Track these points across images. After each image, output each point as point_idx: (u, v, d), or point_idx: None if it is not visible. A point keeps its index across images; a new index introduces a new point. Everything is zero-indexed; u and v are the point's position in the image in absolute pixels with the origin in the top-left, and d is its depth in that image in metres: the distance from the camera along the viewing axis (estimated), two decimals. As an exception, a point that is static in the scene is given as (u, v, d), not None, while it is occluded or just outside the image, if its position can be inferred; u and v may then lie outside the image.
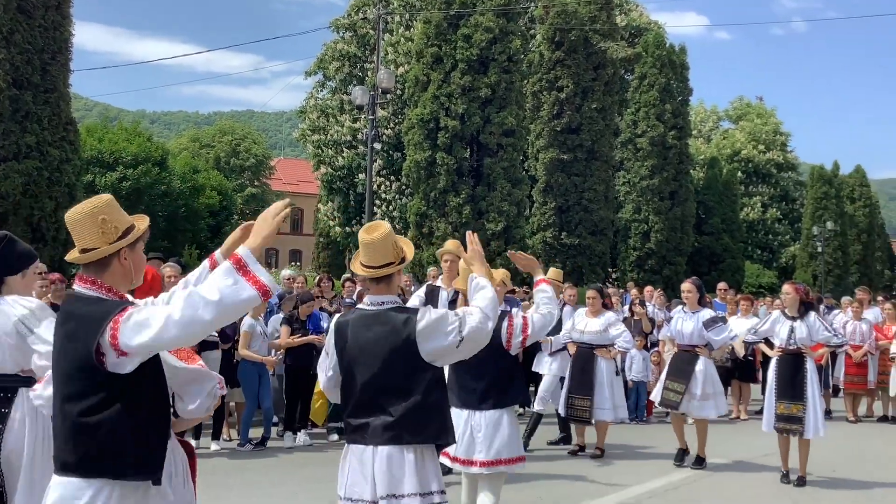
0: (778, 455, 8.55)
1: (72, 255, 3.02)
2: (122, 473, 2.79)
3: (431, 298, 7.19)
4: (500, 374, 5.20)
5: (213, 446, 9.07)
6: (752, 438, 10.34)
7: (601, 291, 9.62)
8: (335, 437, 9.54)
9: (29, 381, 3.91)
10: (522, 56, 26.32)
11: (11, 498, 3.92)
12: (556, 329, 8.91)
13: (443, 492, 3.73)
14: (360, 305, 3.97)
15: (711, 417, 8.73)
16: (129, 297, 3.05)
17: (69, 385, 2.83)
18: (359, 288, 11.74)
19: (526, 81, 27.51)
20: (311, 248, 44.62)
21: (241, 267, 2.76)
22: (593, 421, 9.15)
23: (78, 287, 2.96)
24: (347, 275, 15.35)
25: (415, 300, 7.38)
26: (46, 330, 3.80)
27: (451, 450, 5.14)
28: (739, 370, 12.53)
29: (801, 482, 7.92)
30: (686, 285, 8.84)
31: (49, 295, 9.03)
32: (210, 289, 2.72)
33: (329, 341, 3.94)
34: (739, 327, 11.90)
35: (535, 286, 4.93)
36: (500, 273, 6.06)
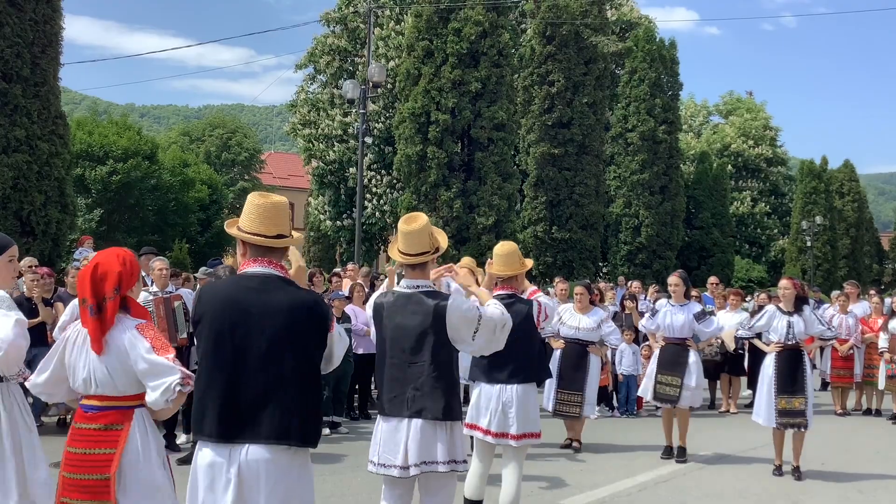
0: (767, 448, 8.62)
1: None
2: None
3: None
4: (531, 352, 5.60)
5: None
6: (742, 432, 10.41)
7: (589, 288, 9.66)
8: (326, 430, 9.55)
9: None
10: (513, 50, 26.33)
11: None
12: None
13: (465, 461, 4.30)
14: (396, 287, 4.44)
15: (694, 406, 8.85)
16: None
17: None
18: (345, 280, 11.75)
19: (517, 76, 27.52)
20: (301, 243, 44.55)
21: None
22: (582, 415, 9.20)
23: (254, 267, 3.37)
24: (337, 269, 15.36)
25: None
26: None
27: (483, 424, 5.58)
28: (729, 364, 12.59)
29: (798, 474, 7.97)
30: (673, 279, 8.89)
31: (38, 289, 9.05)
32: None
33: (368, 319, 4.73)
34: (728, 322, 11.99)
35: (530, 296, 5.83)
36: (467, 261, 6.98)
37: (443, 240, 4.45)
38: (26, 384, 3.74)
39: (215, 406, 3.21)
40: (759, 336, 8.68)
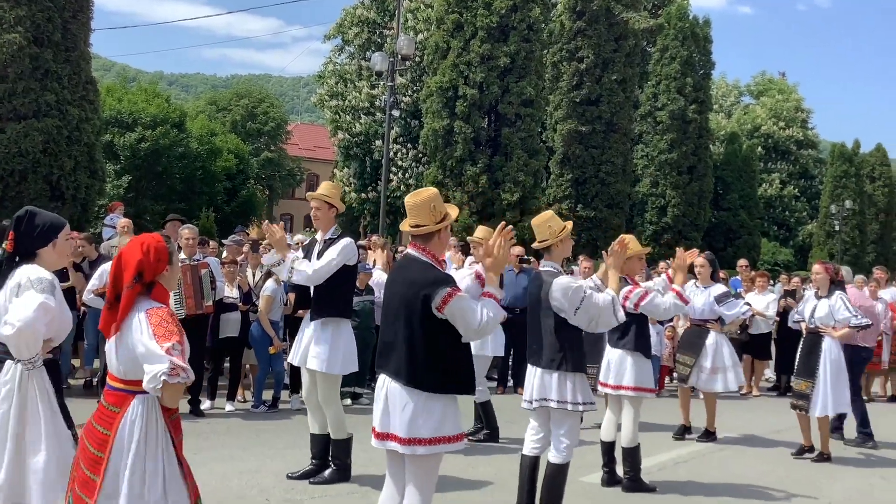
0: (788, 432, 8.61)
1: (405, 227, 4.45)
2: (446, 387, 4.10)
3: (308, 251, 6.53)
4: (631, 325, 6.56)
5: (228, 407, 9.18)
6: (764, 415, 10.38)
7: None
8: (348, 401, 9.60)
9: None
10: (543, 25, 26.08)
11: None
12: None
13: (582, 403, 5.32)
14: (540, 267, 5.58)
15: (717, 391, 8.73)
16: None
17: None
18: (369, 253, 11.76)
19: (546, 51, 27.28)
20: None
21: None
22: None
23: (411, 250, 4.26)
24: (361, 242, 15.38)
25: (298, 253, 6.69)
26: (22, 302, 3.77)
27: (604, 378, 6.90)
28: (754, 347, 12.52)
29: (822, 458, 7.96)
30: (699, 259, 8.80)
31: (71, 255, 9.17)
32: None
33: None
34: (756, 304, 11.92)
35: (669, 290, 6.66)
36: (483, 231, 7.98)
37: (566, 224, 5.51)
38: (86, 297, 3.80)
39: (378, 347, 4.32)
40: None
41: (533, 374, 5.43)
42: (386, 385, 4.11)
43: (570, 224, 5.65)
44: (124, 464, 3.31)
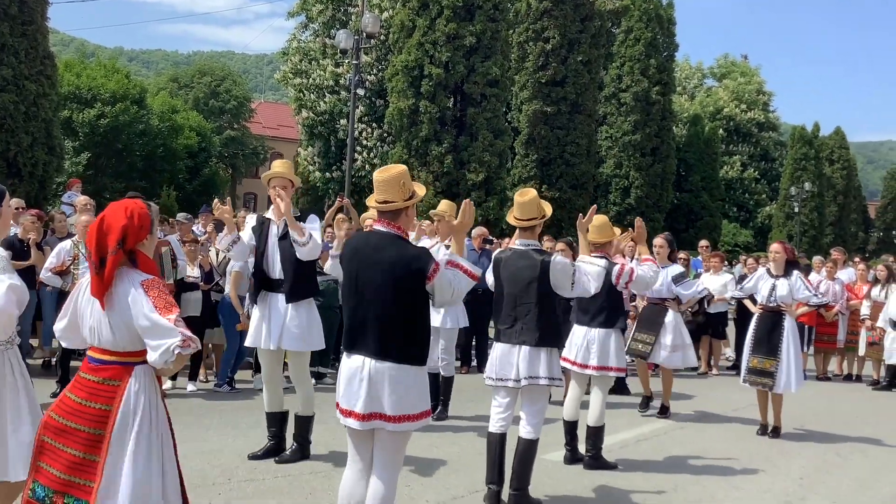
0: (747, 410, 8.74)
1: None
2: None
3: (261, 231, 6.45)
4: (609, 303, 6.62)
5: (190, 387, 9.10)
6: (723, 393, 10.54)
7: (570, 245, 9.72)
8: (312, 381, 9.55)
9: None
10: (509, 5, 26.00)
11: None
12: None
13: (561, 379, 5.48)
14: (512, 245, 5.57)
15: (678, 367, 9.05)
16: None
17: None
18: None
19: (512, 31, 27.22)
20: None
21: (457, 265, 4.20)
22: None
23: (378, 226, 4.23)
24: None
25: (248, 224, 6.63)
26: None
27: (570, 356, 6.76)
28: (712, 327, 12.69)
29: (776, 433, 8.14)
30: (658, 240, 9.03)
31: (34, 232, 9.04)
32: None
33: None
34: (712, 284, 12.09)
35: (642, 262, 6.48)
36: (445, 204, 8.01)
37: (548, 209, 5.46)
38: (53, 328, 3.69)
39: (346, 327, 4.18)
40: (751, 298, 8.80)
41: (516, 352, 5.35)
42: (367, 366, 4.04)
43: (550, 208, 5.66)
44: (128, 438, 3.27)
